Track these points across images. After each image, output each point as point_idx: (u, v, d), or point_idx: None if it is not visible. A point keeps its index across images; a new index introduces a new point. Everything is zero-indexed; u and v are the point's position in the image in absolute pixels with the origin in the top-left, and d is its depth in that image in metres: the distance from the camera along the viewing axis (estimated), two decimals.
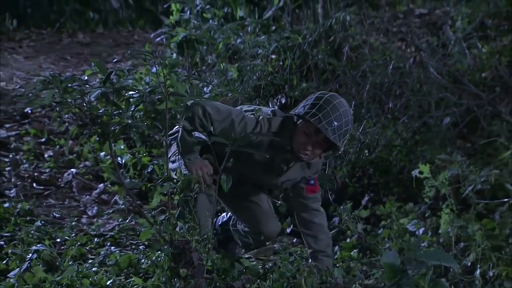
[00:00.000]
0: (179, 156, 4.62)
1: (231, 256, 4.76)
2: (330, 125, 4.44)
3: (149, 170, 6.49)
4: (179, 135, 4.55)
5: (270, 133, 4.60)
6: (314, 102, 4.50)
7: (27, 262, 4.74)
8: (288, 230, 5.86)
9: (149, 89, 4.41)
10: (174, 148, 4.72)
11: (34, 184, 6.69)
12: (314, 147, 4.53)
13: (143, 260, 4.81)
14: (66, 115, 8.15)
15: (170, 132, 4.71)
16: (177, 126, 4.69)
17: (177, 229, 4.36)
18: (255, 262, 4.97)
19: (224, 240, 5.21)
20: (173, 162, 4.75)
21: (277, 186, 4.94)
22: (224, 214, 5.26)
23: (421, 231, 5.13)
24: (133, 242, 5.43)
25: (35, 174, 6.88)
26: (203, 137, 4.21)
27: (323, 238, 4.82)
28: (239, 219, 5.03)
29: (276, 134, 4.61)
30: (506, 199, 5.25)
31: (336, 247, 5.36)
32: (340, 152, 4.66)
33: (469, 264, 4.66)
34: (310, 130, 4.49)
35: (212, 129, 4.46)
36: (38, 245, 4.99)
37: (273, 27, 7.90)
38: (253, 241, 5.10)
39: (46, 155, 7.37)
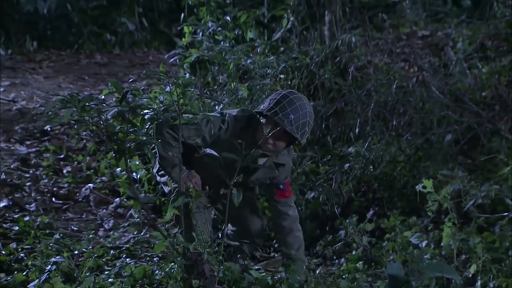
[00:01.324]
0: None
1: (240, 268, 4.76)
2: (287, 117, 4.60)
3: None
4: (157, 155, 4.69)
5: (238, 129, 4.75)
6: (273, 98, 4.69)
7: (46, 274, 4.74)
8: None
9: (163, 108, 4.42)
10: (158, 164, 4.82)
11: (53, 199, 6.70)
12: (276, 140, 4.67)
13: (157, 271, 4.80)
14: (84, 133, 8.16)
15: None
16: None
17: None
18: (264, 274, 4.96)
19: (230, 254, 5.25)
20: (162, 176, 4.81)
21: (247, 185, 4.97)
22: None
23: (424, 243, 5.11)
24: (147, 254, 5.42)
25: (54, 189, 6.89)
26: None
27: (291, 242, 4.95)
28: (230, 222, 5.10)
29: (243, 130, 4.76)
30: (505, 213, 5.24)
31: (342, 259, 5.35)
32: (301, 145, 4.94)
33: (470, 275, 4.64)
34: (270, 123, 4.64)
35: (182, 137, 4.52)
36: (57, 257, 4.99)
37: (282, 48, 7.90)
38: (246, 244, 5.20)
39: (64, 171, 7.37)
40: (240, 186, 4.85)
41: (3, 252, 5.28)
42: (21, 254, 5.27)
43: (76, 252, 5.30)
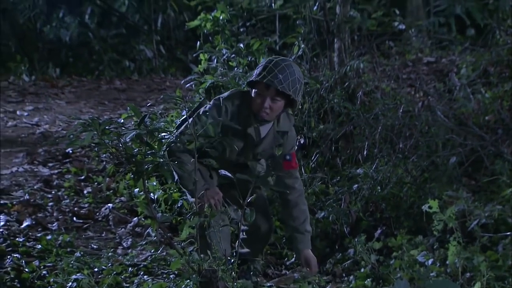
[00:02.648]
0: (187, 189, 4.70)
1: (253, 284, 4.74)
2: (276, 77, 4.56)
3: (179, 205, 6.48)
4: (176, 177, 4.69)
5: (235, 106, 4.72)
6: (259, 66, 4.68)
7: None
8: None
9: (179, 131, 4.44)
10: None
11: (74, 218, 6.70)
12: (271, 103, 4.62)
13: None
14: (104, 155, 8.18)
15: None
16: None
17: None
18: None
19: (245, 271, 5.22)
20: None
21: (256, 158, 4.95)
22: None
23: (430, 262, 5.09)
24: (164, 271, 5.41)
25: (75, 208, 6.90)
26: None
27: (297, 215, 4.92)
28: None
29: (239, 107, 4.73)
30: (508, 233, 5.22)
31: (351, 276, 5.32)
32: (298, 104, 4.75)
33: None
34: (261, 89, 4.61)
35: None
36: (78, 274, 4.99)
37: None
38: (252, 249, 5.17)
39: (85, 191, 7.38)
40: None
41: (27, 270, 5.28)
42: (44, 272, 5.27)
43: (96, 269, 5.30)
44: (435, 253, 5.22)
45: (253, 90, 4.71)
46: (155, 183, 6.64)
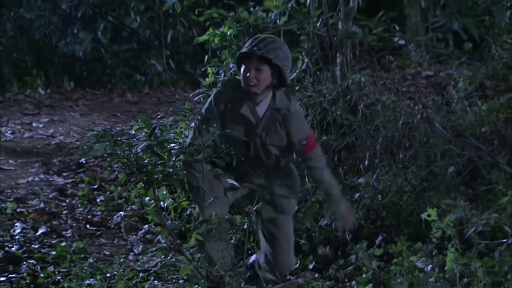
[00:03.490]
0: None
1: None
2: (256, 46, 4.39)
3: (188, 213, 6.49)
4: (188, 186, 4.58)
5: (228, 91, 4.60)
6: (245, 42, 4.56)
7: None
8: (311, 266, 5.82)
9: (188, 142, 4.44)
10: None
11: (88, 226, 6.71)
12: (257, 74, 4.42)
13: None
14: (116, 165, 8.14)
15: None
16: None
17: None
18: None
19: (252, 277, 5.18)
20: None
21: (268, 152, 4.71)
22: (254, 255, 5.23)
23: (429, 267, 5.07)
24: (173, 276, 5.41)
25: (89, 216, 6.90)
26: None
27: (327, 187, 4.81)
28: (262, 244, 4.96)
29: (233, 90, 4.59)
30: (504, 240, 5.21)
31: (353, 282, 5.32)
32: (286, 76, 4.51)
33: None
34: (245, 61, 4.45)
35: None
36: (91, 280, 5.00)
37: (297, 87, 7.92)
38: (273, 275, 5.05)
39: (98, 200, 7.39)
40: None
41: (42, 275, 5.28)
42: (58, 277, 5.27)
43: (108, 275, 5.30)
44: (434, 259, 5.22)
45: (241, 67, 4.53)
46: (164, 192, 6.63)
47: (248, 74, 4.44)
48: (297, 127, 4.65)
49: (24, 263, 5.46)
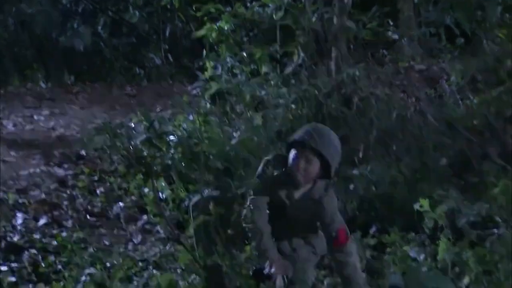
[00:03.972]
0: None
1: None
2: (311, 138, 4.24)
3: (186, 204, 6.49)
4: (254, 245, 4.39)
5: (280, 169, 4.43)
6: (303, 130, 4.35)
7: (81, 284, 4.75)
8: None
9: (186, 135, 4.44)
10: None
11: (88, 216, 6.70)
12: (305, 163, 4.27)
13: (181, 281, 4.80)
14: (115, 157, 8.17)
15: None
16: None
17: None
18: None
19: None
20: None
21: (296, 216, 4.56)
22: None
23: (421, 257, 5.09)
24: (172, 266, 5.41)
25: (89, 207, 6.90)
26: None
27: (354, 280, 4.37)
28: None
29: (284, 168, 4.40)
30: (495, 230, 5.22)
31: None
32: (333, 171, 4.31)
33: (464, 286, 4.63)
34: (297, 149, 4.29)
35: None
36: (91, 269, 5.01)
37: (293, 81, 7.93)
38: None
39: (98, 191, 7.38)
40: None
41: (43, 264, 5.29)
42: (59, 266, 5.28)
43: (108, 264, 5.30)
44: (426, 249, 5.23)
45: (291, 151, 4.36)
46: (163, 183, 6.64)
47: (299, 164, 4.29)
48: (327, 217, 4.43)
49: (26, 252, 5.47)
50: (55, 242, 5.74)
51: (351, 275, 4.38)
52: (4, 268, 5.19)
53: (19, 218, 6.30)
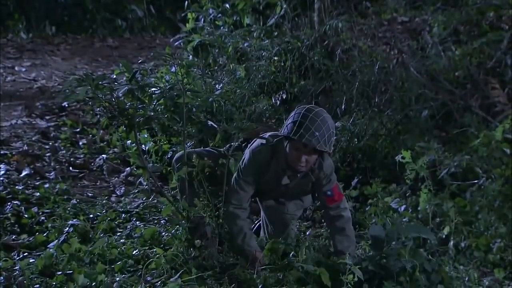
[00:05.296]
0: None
1: None
2: (313, 136, 4.26)
3: (169, 156, 6.48)
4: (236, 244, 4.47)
5: (265, 161, 4.49)
6: (294, 120, 4.33)
7: (64, 235, 4.75)
8: None
9: (169, 86, 4.41)
10: None
11: (70, 168, 6.69)
12: (307, 157, 4.35)
13: (163, 233, 4.81)
14: (98, 109, 8.11)
15: None
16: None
17: None
18: None
19: None
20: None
21: (290, 195, 4.75)
22: None
23: (402, 208, 5.13)
24: (155, 217, 5.43)
25: (71, 159, 6.88)
26: None
27: (341, 240, 4.49)
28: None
29: (271, 159, 4.50)
30: (475, 181, 5.26)
31: None
32: (331, 150, 4.42)
33: (444, 236, 4.67)
34: (298, 146, 4.33)
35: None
36: (74, 220, 5.01)
37: (276, 33, 7.88)
38: None
39: (80, 143, 7.36)
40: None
41: (26, 216, 5.28)
42: (42, 218, 5.28)
43: (91, 215, 5.31)
44: (407, 200, 5.27)
45: (288, 143, 4.40)
46: (146, 135, 6.62)
47: (300, 159, 4.35)
48: (325, 179, 4.57)
49: (8, 204, 5.45)
50: (37, 194, 5.73)
51: (345, 227, 4.53)
52: None
53: (2, 170, 6.27)
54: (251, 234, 4.49)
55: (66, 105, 8.56)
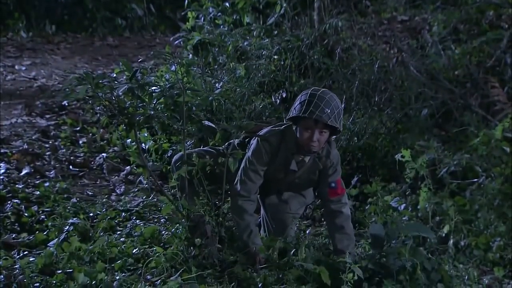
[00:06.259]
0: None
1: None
2: (323, 112, 4.27)
3: (169, 155, 6.48)
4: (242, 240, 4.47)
5: (273, 146, 4.50)
6: (302, 101, 4.36)
7: (64, 233, 4.75)
8: None
9: (169, 85, 4.41)
10: None
11: (70, 167, 6.68)
12: (319, 136, 4.36)
13: (163, 231, 4.81)
14: (98, 107, 8.12)
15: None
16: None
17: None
18: None
19: None
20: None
21: (294, 182, 4.72)
22: None
23: (402, 207, 5.12)
24: (155, 216, 5.42)
25: (71, 158, 6.87)
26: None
27: (341, 238, 4.49)
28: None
29: (281, 144, 4.51)
30: (475, 179, 5.26)
31: None
32: (340, 132, 4.47)
33: (444, 235, 4.67)
34: (309, 124, 4.33)
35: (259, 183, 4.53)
36: (74, 219, 5.00)
37: (275, 32, 7.88)
38: None
39: (80, 142, 7.36)
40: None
41: (26, 214, 5.28)
42: (42, 216, 5.27)
43: (91, 214, 5.30)
44: (407, 199, 5.26)
45: (298, 125, 4.42)
46: (146, 134, 6.62)
47: (312, 138, 4.36)
48: (330, 170, 4.58)
49: (9, 202, 5.45)
50: (37, 192, 5.73)
51: (344, 225, 4.53)
52: None
53: (2, 168, 6.26)
54: (257, 231, 4.49)
55: (66, 104, 8.55)
